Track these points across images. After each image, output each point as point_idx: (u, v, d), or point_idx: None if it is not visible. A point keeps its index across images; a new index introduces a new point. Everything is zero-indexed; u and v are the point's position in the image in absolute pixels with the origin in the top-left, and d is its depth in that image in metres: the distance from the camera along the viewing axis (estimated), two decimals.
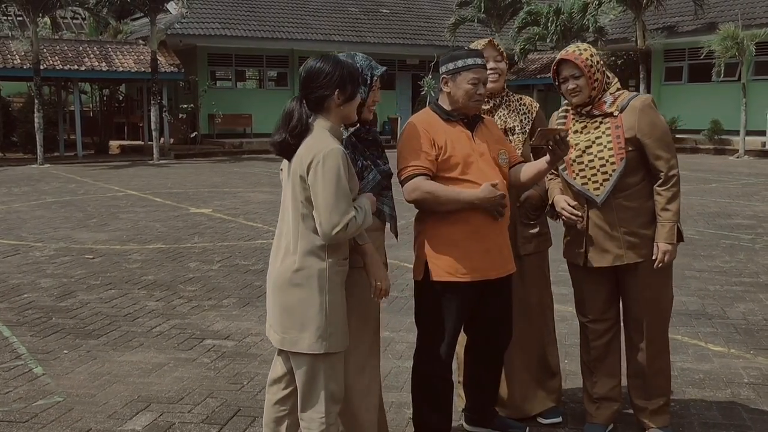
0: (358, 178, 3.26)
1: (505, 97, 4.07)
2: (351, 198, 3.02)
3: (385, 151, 3.53)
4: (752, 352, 5.18)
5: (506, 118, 4.03)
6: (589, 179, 3.70)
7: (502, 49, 4.06)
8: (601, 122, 3.71)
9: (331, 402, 3.13)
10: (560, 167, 3.78)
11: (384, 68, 3.44)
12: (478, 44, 3.99)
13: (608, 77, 3.77)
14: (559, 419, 4.09)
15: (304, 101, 3.10)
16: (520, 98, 4.13)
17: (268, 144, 3.25)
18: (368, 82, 3.34)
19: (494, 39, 4.10)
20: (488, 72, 3.75)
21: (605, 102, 3.72)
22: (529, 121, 4.06)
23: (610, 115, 3.69)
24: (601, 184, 3.67)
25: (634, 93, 3.80)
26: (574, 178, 3.73)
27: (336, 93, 3.07)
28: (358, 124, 3.37)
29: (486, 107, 3.98)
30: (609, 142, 3.66)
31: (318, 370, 3.10)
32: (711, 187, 14.76)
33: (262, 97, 28.74)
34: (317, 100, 3.09)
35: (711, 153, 23.43)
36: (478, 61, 3.54)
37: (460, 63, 3.53)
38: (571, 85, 3.70)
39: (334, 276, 3.07)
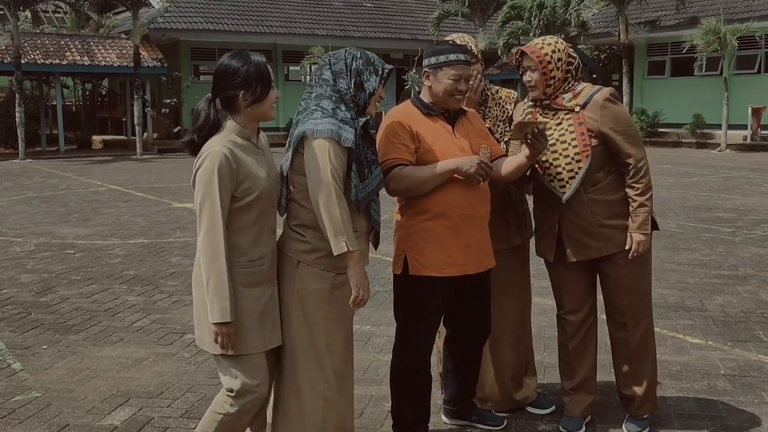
0: (365, 173, 3.11)
1: (486, 92, 4.04)
2: (220, 207, 2.91)
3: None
4: (729, 344, 5.23)
5: (490, 118, 4.00)
6: (554, 177, 3.69)
7: (476, 51, 3.95)
8: (562, 119, 3.69)
9: (231, 396, 3.05)
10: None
11: (391, 67, 3.33)
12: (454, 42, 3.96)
13: (572, 79, 3.70)
14: (553, 407, 4.09)
15: (215, 100, 3.00)
16: (497, 90, 4.12)
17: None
18: (380, 72, 3.23)
19: (468, 41, 3.94)
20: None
21: (563, 97, 3.69)
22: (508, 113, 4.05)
23: (572, 110, 3.67)
24: (567, 182, 3.65)
25: (597, 87, 3.74)
26: (543, 174, 3.74)
27: (242, 93, 2.94)
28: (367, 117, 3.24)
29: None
30: (573, 139, 3.63)
31: (222, 367, 3.07)
32: (692, 181, 14.86)
33: None
34: (226, 100, 2.98)
35: (693, 147, 23.57)
36: (461, 57, 3.49)
37: (442, 58, 3.48)
38: (526, 77, 3.70)
39: (232, 277, 2.95)
